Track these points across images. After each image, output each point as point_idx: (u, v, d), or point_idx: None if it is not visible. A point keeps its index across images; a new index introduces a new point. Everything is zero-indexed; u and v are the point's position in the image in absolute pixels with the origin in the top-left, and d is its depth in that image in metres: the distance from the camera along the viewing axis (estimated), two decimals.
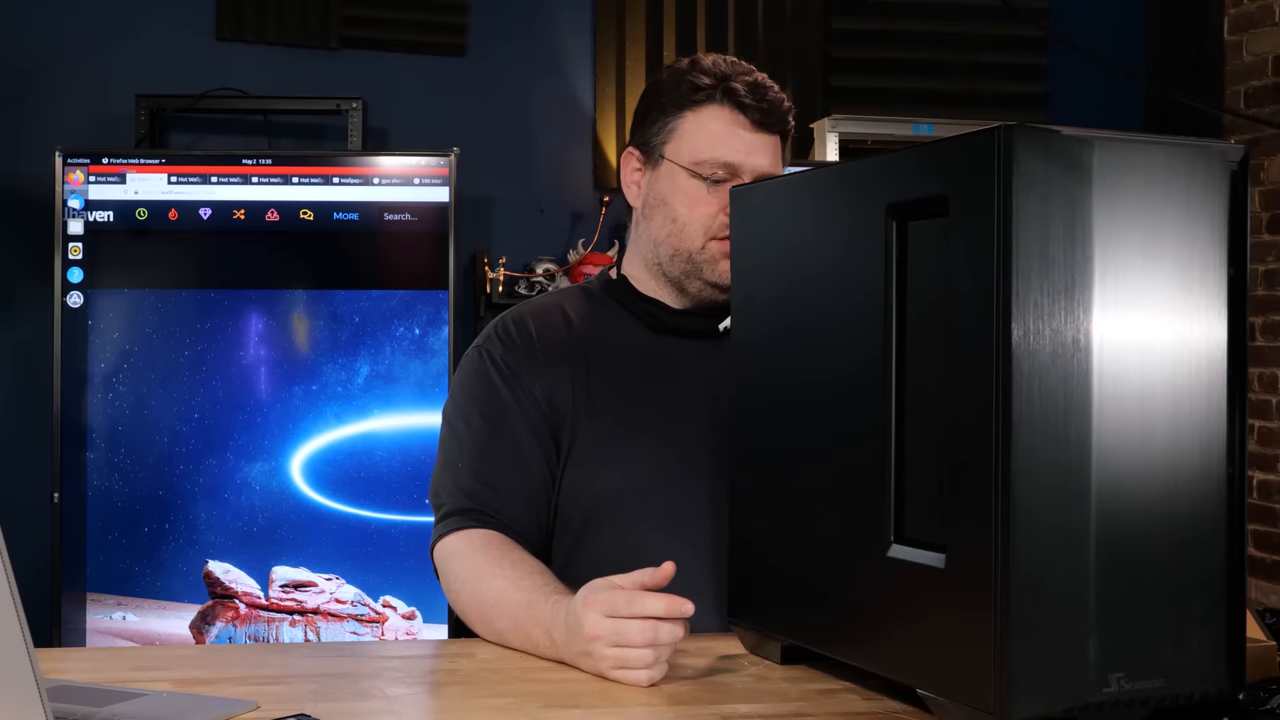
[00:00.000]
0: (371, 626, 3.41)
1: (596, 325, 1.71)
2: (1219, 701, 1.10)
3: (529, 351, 1.67)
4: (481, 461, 1.62)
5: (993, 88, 4.31)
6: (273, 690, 1.26)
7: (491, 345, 1.69)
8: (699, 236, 1.67)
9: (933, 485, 1.11)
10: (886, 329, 1.16)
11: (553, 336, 1.69)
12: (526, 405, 1.64)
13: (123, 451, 3.41)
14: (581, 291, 1.78)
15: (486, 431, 1.64)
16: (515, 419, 1.64)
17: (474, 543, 1.56)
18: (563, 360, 1.67)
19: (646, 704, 1.24)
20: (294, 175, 3.47)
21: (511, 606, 1.45)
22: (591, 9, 4.14)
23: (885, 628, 1.17)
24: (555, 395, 1.65)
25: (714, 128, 1.67)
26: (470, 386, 1.68)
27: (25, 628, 0.91)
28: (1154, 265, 1.07)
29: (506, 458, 1.63)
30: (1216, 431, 1.09)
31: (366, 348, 3.46)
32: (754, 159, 1.66)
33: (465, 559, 1.55)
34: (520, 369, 1.66)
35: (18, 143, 3.79)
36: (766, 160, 1.67)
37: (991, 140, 1.03)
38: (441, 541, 1.60)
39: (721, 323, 1.69)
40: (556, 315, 1.72)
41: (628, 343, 1.70)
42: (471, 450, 1.64)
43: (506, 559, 1.52)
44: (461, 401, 1.68)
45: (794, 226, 1.32)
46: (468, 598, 1.53)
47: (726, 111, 1.66)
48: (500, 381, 1.66)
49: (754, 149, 1.66)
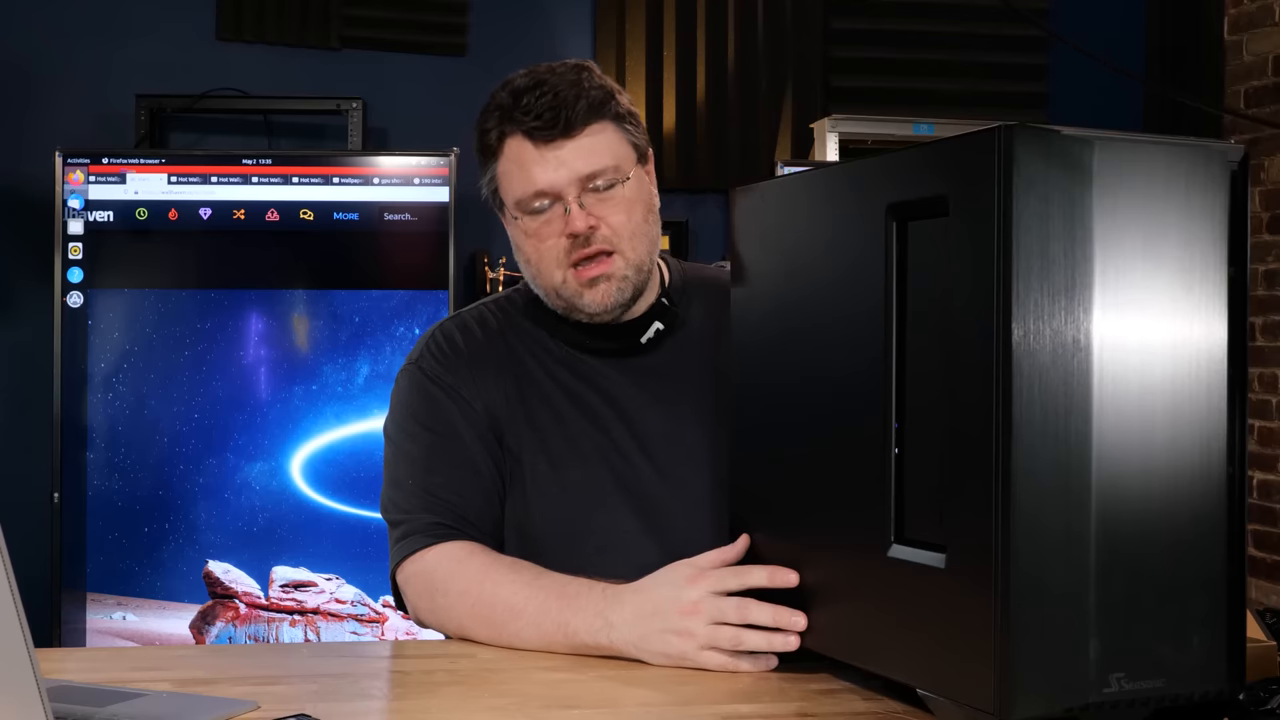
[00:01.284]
0: (371, 626, 3.41)
1: (521, 338, 1.66)
2: (1219, 701, 1.10)
3: (464, 367, 1.62)
4: (434, 476, 1.57)
5: (993, 88, 4.31)
6: (273, 690, 1.26)
7: (425, 362, 1.64)
8: (554, 271, 1.58)
9: (933, 485, 1.11)
10: (886, 329, 1.16)
11: (482, 351, 1.64)
12: (471, 417, 1.60)
13: (123, 451, 3.41)
14: (507, 301, 1.71)
15: (435, 445, 1.59)
16: (462, 430, 1.59)
17: (455, 554, 1.52)
18: (494, 374, 1.62)
19: (646, 704, 1.24)
20: (294, 175, 3.47)
21: (539, 603, 1.42)
22: (591, 9, 4.14)
23: (885, 628, 1.17)
24: (494, 412, 1.61)
25: (513, 166, 1.56)
26: (411, 402, 1.63)
27: (25, 628, 0.91)
28: (1154, 265, 1.07)
29: (459, 469, 1.58)
30: (1216, 431, 1.09)
31: (366, 348, 3.46)
32: (561, 173, 1.53)
33: (455, 572, 1.50)
34: (459, 385, 1.61)
35: (18, 143, 3.80)
36: (579, 165, 1.53)
37: (991, 140, 1.03)
38: (411, 559, 1.53)
39: (644, 335, 1.64)
40: (484, 328, 1.67)
41: (551, 355, 1.65)
42: (423, 466, 1.58)
43: (501, 563, 1.50)
44: (402, 418, 1.63)
45: (794, 226, 1.32)
46: (468, 608, 1.48)
47: (517, 141, 1.55)
48: (442, 394, 1.61)
49: (556, 162, 1.53)
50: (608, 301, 1.57)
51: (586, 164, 1.54)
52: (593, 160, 1.54)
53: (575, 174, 1.54)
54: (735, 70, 4.14)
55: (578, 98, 1.53)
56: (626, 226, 1.56)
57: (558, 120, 1.52)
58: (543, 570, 1.48)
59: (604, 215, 1.55)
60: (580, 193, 1.54)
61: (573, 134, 1.53)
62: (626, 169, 1.57)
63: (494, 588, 1.46)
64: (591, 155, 1.54)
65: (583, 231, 1.54)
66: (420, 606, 1.54)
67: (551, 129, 1.53)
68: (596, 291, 1.57)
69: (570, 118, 1.53)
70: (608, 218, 1.56)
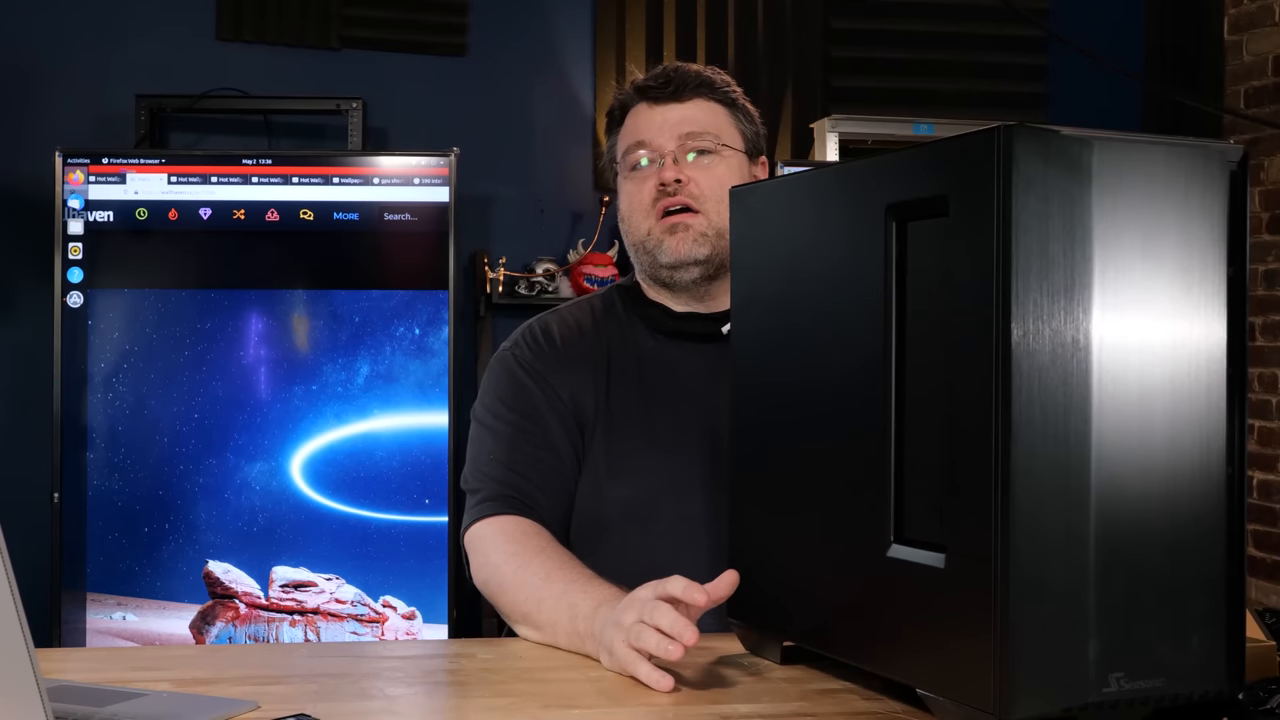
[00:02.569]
0: (371, 626, 3.41)
1: (612, 332, 1.75)
2: (1219, 701, 1.10)
3: (555, 358, 1.71)
4: (514, 454, 1.66)
5: (993, 88, 4.31)
6: (273, 690, 1.26)
7: (519, 350, 1.73)
8: (642, 223, 1.71)
9: (933, 485, 1.11)
10: (886, 329, 1.16)
11: (576, 344, 1.73)
12: (556, 404, 1.69)
13: (123, 451, 3.41)
14: (601, 299, 1.82)
15: (518, 426, 1.68)
16: (546, 416, 1.68)
17: (507, 529, 1.60)
18: (585, 368, 1.71)
19: (646, 704, 1.24)
20: (294, 175, 3.47)
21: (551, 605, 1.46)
22: (591, 9, 4.14)
23: (885, 628, 1.17)
24: (580, 402, 1.69)
25: (628, 124, 1.75)
26: (500, 386, 1.72)
27: (25, 628, 0.92)
28: (1154, 265, 1.07)
29: (539, 451, 1.66)
30: (1216, 431, 1.09)
31: (366, 348, 3.46)
32: (665, 129, 1.70)
33: (503, 544, 1.58)
34: (548, 373, 1.70)
35: (18, 143, 3.80)
36: (683, 125, 1.70)
37: (991, 140, 1.03)
38: (475, 525, 1.63)
39: (724, 326, 1.69)
40: (579, 323, 1.76)
41: (638, 349, 1.74)
42: (505, 444, 1.67)
43: (538, 547, 1.55)
44: (490, 400, 1.72)
45: (794, 226, 1.32)
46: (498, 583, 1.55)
47: (637, 106, 1.75)
48: (530, 381, 1.70)
49: (661, 120, 1.71)
50: (684, 250, 1.68)
51: (686, 125, 1.70)
52: (692, 123, 1.70)
53: (675, 131, 1.70)
54: (735, 70, 4.14)
55: (695, 75, 1.73)
56: (714, 191, 1.68)
57: (672, 84, 1.71)
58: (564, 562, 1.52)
59: (694, 176, 1.69)
60: (678, 150, 1.70)
61: (681, 99, 1.72)
62: (727, 144, 1.72)
63: (523, 570, 1.52)
64: (693, 120, 1.71)
65: (670, 181, 1.68)
66: (475, 567, 1.63)
67: (663, 89, 1.71)
68: (675, 239, 1.68)
69: (680, 87, 1.71)
70: (697, 179, 1.69)
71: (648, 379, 1.71)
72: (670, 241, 1.68)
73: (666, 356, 1.73)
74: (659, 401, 1.69)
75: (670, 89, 1.71)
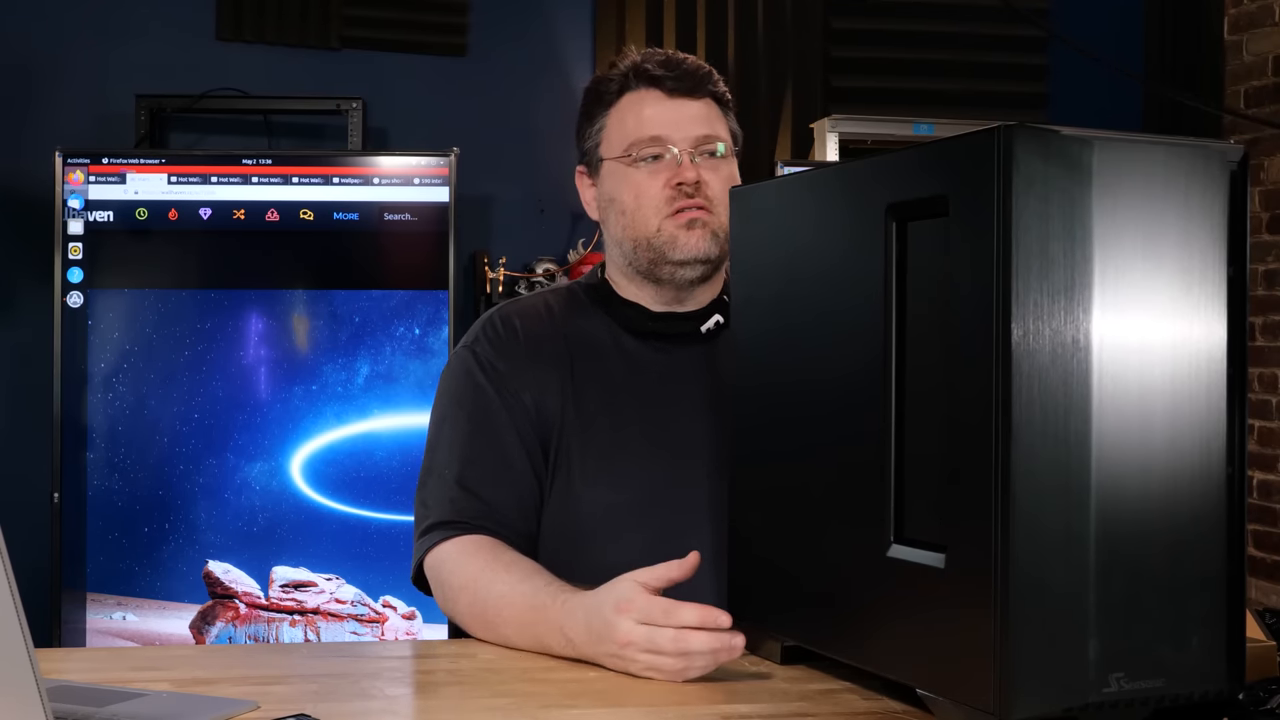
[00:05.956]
0: (371, 626, 3.41)
1: (580, 328, 1.70)
2: (1219, 701, 1.10)
3: (517, 354, 1.66)
4: (468, 469, 1.61)
5: (993, 88, 4.31)
6: (273, 690, 1.26)
7: (479, 345, 1.68)
8: (652, 219, 1.65)
9: (933, 485, 1.11)
10: (886, 329, 1.16)
11: (539, 339, 1.68)
12: (515, 411, 1.63)
13: (123, 451, 3.41)
14: (567, 292, 1.77)
15: (473, 437, 1.63)
16: (502, 424, 1.62)
17: (465, 548, 1.55)
18: (550, 364, 1.66)
19: (646, 704, 1.24)
20: (294, 175, 3.47)
21: (517, 610, 1.44)
22: (591, 9, 4.14)
23: (885, 628, 1.17)
24: (544, 403, 1.64)
25: (634, 110, 1.68)
26: (457, 389, 1.67)
27: (25, 628, 0.91)
28: (1154, 265, 1.07)
29: (494, 465, 1.61)
30: (1216, 431, 1.09)
31: (366, 348, 3.46)
32: (682, 126, 1.66)
33: (459, 565, 1.53)
34: (509, 374, 1.65)
35: (18, 143, 3.80)
36: (699, 125, 1.66)
37: (991, 140, 1.03)
38: (431, 553, 1.58)
39: (704, 324, 1.69)
40: (542, 316, 1.71)
41: (610, 347, 1.69)
42: (460, 456, 1.62)
43: (500, 561, 1.51)
44: (447, 405, 1.67)
45: (794, 226, 1.32)
46: (466, 605, 1.51)
47: (642, 92, 1.68)
48: (488, 384, 1.64)
49: (678, 116, 1.66)
50: (700, 248, 1.65)
51: (705, 126, 1.67)
52: (709, 125, 1.68)
53: (693, 130, 1.66)
54: (735, 70, 4.14)
55: (707, 72, 1.70)
56: (722, 196, 1.65)
57: (689, 80, 1.67)
58: (533, 572, 1.48)
59: (707, 178, 1.66)
60: (694, 150, 1.66)
61: (697, 96, 1.68)
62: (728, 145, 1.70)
63: (488, 586, 1.48)
64: (710, 120, 1.68)
65: (690, 182, 1.64)
66: (439, 598, 1.59)
67: (681, 82, 1.67)
68: (693, 235, 1.65)
69: (700, 83, 1.68)
70: (709, 180, 1.66)
71: (622, 380, 1.67)
72: (686, 238, 1.64)
73: (642, 357, 1.69)
74: (635, 402, 1.65)
75: (688, 85, 1.67)
